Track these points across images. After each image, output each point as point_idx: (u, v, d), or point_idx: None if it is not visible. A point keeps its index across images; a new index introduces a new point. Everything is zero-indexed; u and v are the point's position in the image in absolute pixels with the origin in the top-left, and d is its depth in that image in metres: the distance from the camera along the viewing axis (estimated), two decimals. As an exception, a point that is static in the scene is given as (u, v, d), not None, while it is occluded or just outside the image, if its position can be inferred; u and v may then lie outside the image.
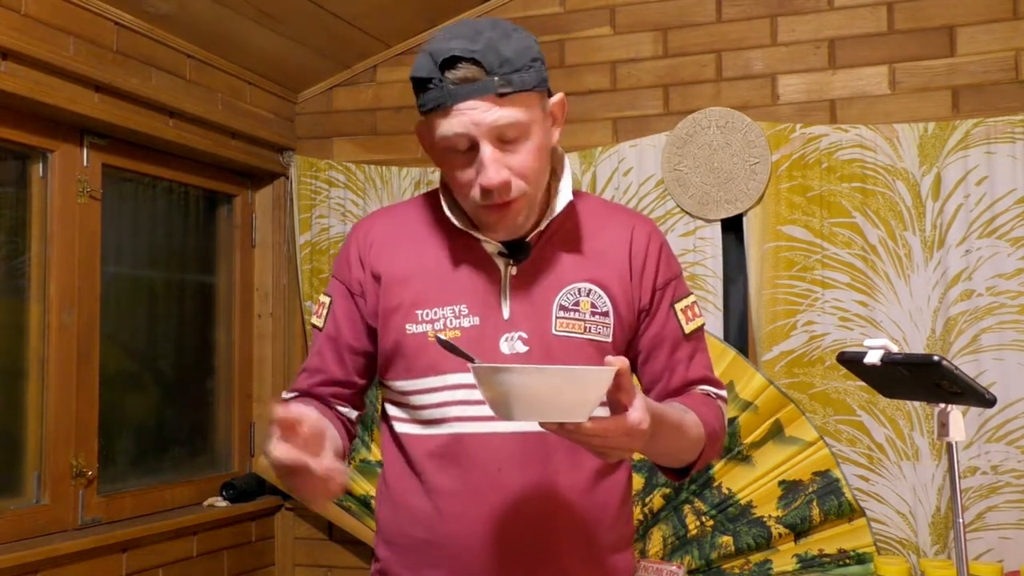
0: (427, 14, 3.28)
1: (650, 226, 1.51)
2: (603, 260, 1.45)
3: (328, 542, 3.42)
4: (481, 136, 1.30)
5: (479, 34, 1.31)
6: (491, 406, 1.15)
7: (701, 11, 3.11)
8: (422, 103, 1.35)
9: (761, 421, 2.80)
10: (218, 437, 3.42)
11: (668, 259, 1.50)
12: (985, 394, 1.67)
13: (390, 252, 1.47)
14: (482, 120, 1.30)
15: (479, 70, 1.29)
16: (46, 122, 2.65)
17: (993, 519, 2.72)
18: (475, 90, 1.29)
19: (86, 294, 2.77)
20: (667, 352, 1.48)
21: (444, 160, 1.38)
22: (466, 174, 1.35)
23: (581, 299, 1.43)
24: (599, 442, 1.15)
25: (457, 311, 1.41)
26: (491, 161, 1.31)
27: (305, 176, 3.44)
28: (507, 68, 1.30)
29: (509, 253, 1.42)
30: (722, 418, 1.49)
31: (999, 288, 2.74)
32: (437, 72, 1.30)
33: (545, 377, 1.10)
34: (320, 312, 1.54)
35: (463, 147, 1.33)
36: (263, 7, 2.91)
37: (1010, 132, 2.76)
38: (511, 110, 1.30)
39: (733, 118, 3.00)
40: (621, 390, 1.14)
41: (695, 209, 3.02)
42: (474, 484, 1.40)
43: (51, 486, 2.65)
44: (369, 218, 1.56)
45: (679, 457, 1.42)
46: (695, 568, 2.82)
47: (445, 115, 1.32)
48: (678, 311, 1.49)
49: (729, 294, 3.08)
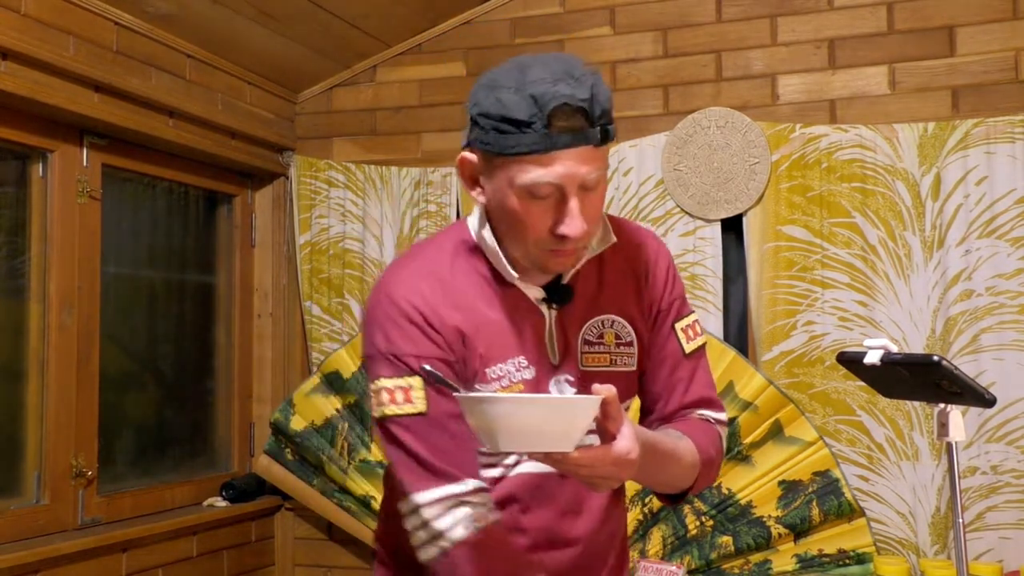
0: (427, 14, 3.29)
1: (657, 242, 1.50)
2: (623, 288, 1.45)
3: (328, 542, 3.42)
4: (571, 188, 1.25)
5: (578, 80, 1.23)
6: (477, 436, 1.13)
7: (701, 11, 3.11)
8: (511, 145, 1.24)
9: (761, 421, 2.80)
10: (218, 437, 3.42)
11: (674, 279, 1.49)
12: (985, 394, 1.67)
13: (452, 310, 1.36)
14: (577, 172, 1.24)
15: (584, 120, 1.23)
16: (46, 122, 2.65)
17: (993, 519, 2.72)
18: (577, 140, 1.23)
19: (86, 294, 2.77)
20: (667, 372, 1.47)
21: (516, 203, 1.27)
22: (541, 219, 1.27)
23: (605, 331, 1.42)
24: (587, 472, 1.14)
25: (517, 363, 1.38)
26: (578, 213, 1.26)
27: (305, 176, 3.44)
28: (606, 120, 1.26)
29: (551, 298, 1.40)
30: (719, 443, 1.48)
31: (999, 288, 2.74)
32: (541, 117, 1.22)
33: (530, 407, 1.09)
34: (406, 398, 1.31)
35: (547, 194, 1.26)
36: (263, 7, 2.91)
37: (1010, 132, 2.76)
38: (601, 162, 1.28)
39: (733, 118, 3.00)
40: (609, 419, 1.14)
41: (695, 209, 3.02)
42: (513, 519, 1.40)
43: (51, 486, 2.65)
44: (408, 279, 1.37)
45: (673, 484, 1.42)
46: (695, 568, 2.82)
47: (538, 162, 1.23)
48: (678, 331, 1.47)
49: (729, 294, 3.08)
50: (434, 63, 3.39)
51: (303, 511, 3.39)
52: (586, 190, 1.28)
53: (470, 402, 1.11)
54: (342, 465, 3.18)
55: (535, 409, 1.09)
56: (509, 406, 1.08)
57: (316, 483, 3.23)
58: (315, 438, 3.19)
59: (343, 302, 3.37)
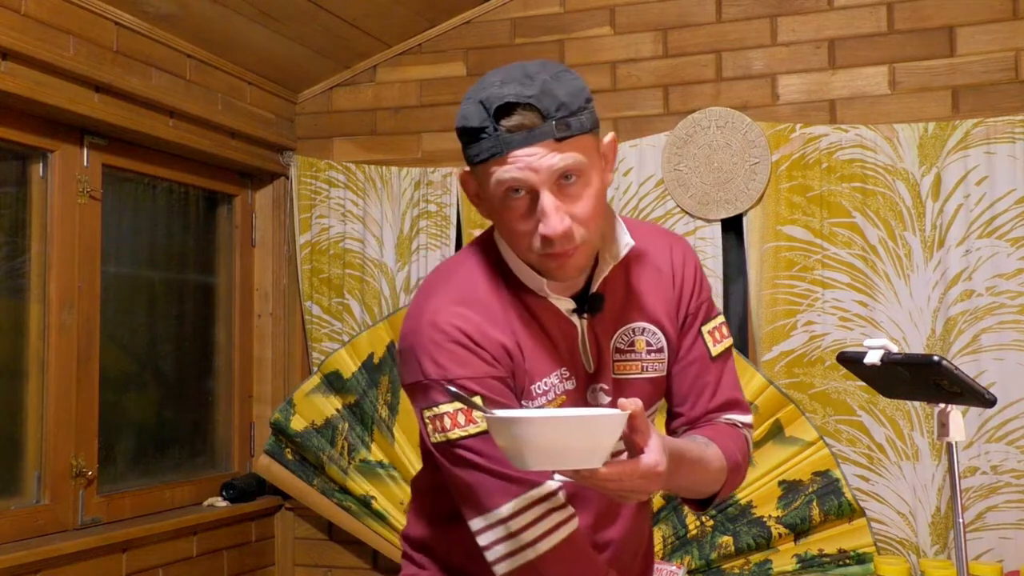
0: (427, 14, 3.29)
1: (685, 245, 1.50)
2: (653, 295, 1.44)
3: (328, 542, 3.42)
4: (540, 184, 1.24)
5: (530, 78, 1.24)
6: (507, 456, 1.12)
7: (701, 11, 3.11)
8: (475, 153, 1.26)
9: (761, 421, 2.80)
10: (218, 437, 3.42)
11: (702, 282, 1.49)
12: (985, 394, 1.67)
13: (494, 331, 1.34)
14: (540, 166, 1.23)
15: (536, 116, 1.23)
16: (46, 122, 2.65)
17: (993, 519, 2.72)
18: (533, 137, 1.23)
19: (86, 294, 2.77)
20: (693, 375, 1.46)
21: (501, 212, 1.29)
22: (526, 224, 1.27)
23: (636, 339, 1.42)
24: (615, 486, 1.14)
25: (561, 375, 1.38)
26: (552, 209, 1.24)
27: (305, 176, 3.44)
28: (564, 112, 1.24)
29: (581, 308, 1.39)
30: (746, 448, 1.48)
31: (999, 288, 2.74)
32: (490, 120, 1.23)
33: (557, 426, 1.08)
34: (465, 421, 1.29)
35: (519, 195, 1.26)
36: (263, 7, 2.91)
37: (1010, 132, 2.76)
38: (570, 154, 1.25)
39: (733, 118, 3.00)
40: (636, 432, 1.13)
41: (695, 209, 3.02)
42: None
43: (51, 486, 2.65)
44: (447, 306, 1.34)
45: (701, 490, 1.42)
46: (695, 568, 2.82)
47: (501, 163, 1.24)
48: (705, 333, 1.47)
49: (729, 294, 3.08)
50: (434, 63, 3.39)
51: (303, 511, 3.39)
52: (564, 188, 1.26)
53: (496, 423, 1.10)
54: (342, 465, 3.18)
55: (562, 427, 1.08)
56: (535, 426, 1.07)
57: (316, 483, 3.23)
58: (315, 438, 3.19)
59: (343, 302, 3.37)
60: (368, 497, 3.14)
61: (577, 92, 1.26)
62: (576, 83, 1.27)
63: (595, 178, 1.29)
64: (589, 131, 1.28)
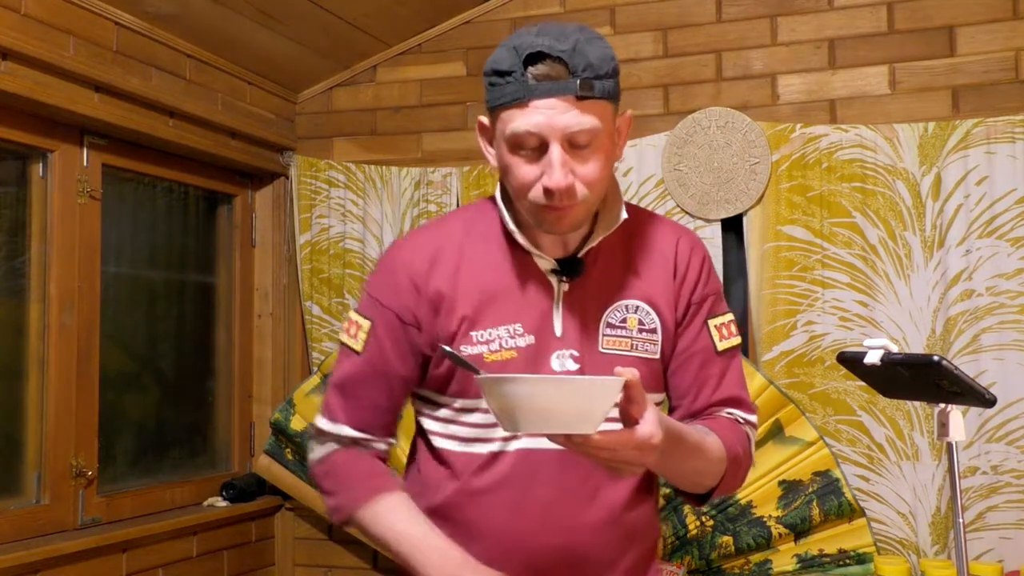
0: (427, 14, 3.29)
1: (694, 239, 1.50)
2: (651, 275, 1.44)
3: (328, 542, 3.42)
4: (553, 137, 1.27)
5: (566, 35, 1.28)
6: (497, 418, 1.12)
7: (701, 11, 3.11)
8: (497, 96, 1.30)
9: (761, 421, 2.80)
10: (218, 437, 3.42)
11: (709, 274, 1.48)
12: (985, 394, 1.66)
13: (444, 275, 1.42)
14: (558, 121, 1.27)
15: (563, 69, 1.26)
16: (46, 122, 2.65)
17: (993, 519, 2.72)
18: (556, 89, 1.26)
19: (86, 294, 2.77)
20: (696, 367, 1.45)
21: (510, 157, 1.33)
22: (530, 172, 1.31)
23: (629, 316, 1.42)
24: (608, 455, 1.13)
25: (512, 331, 1.39)
26: (559, 164, 1.28)
27: (305, 176, 3.44)
28: (590, 73, 1.27)
29: (562, 270, 1.41)
30: (747, 443, 1.47)
31: (999, 288, 2.74)
32: (520, 66, 1.27)
33: (551, 388, 1.07)
34: (355, 333, 1.46)
35: (532, 145, 1.29)
36: (263, 7, 2.91)
37: (1010, 132, 2.76)
38: (588, 116, 1.28)
39: (733, 118, 3.00)
40: (632, 403, 1.13)
41: (695, 209, 3.02)
42: (516, 498, 1.40)
43: (51, 486, 2.65)
44: (412, 241, 1.48)
45: (698, 480, 1.41)
46: (695, 568, 2.82)
47: (521, 110, 1.27)
48: (712, 327, 1.46)
49: (729, 294, 3.08)
50: (434, 63, 3.39)
51: (303, 511, 3.39)
52: (576, 147, 1.29)
53: (491, 383, 1.09)
54: (342, 465, 3.17)
55: (556, 389, 1.07)
56: (529, 386, 1.07)
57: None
58: (315, 438, 3.19)
59: (343, 302, 3.37)
60: (368, 497, 3.13)
61: (607, 58, 1.30)
62: (607, 51, 1.31)
63: (606, 145, 1.32)
64: (610, 99, 1.31)
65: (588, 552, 1.41)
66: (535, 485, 1.39)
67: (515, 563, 1.39)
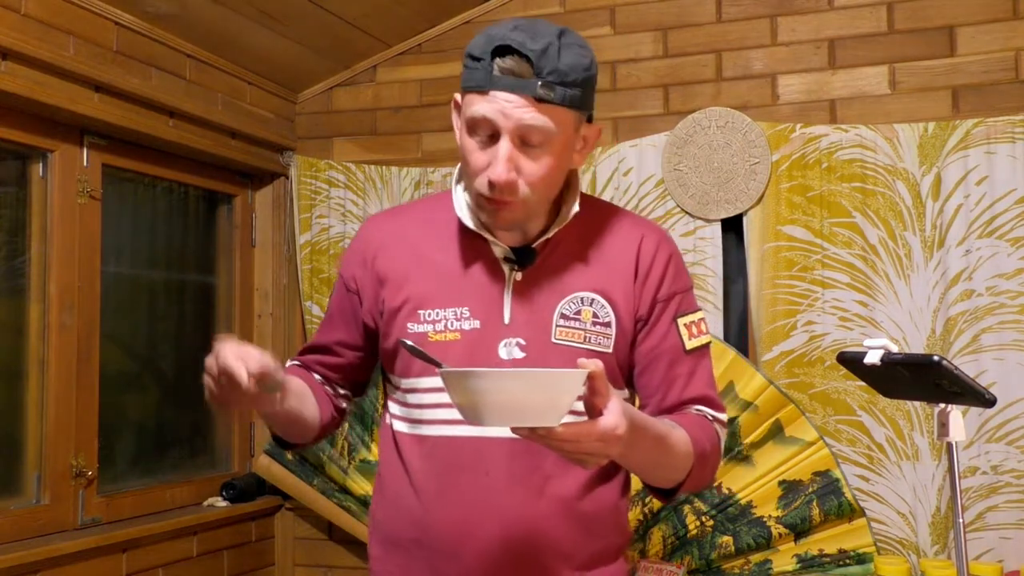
0: (427, 14, 3.29)
1: (660, 236, 1.48)
2: (609, 269, 1.43)
3: (328, 542, 3.42)
4: (505, 130, 1.30)
5: (541, 35, 1.31)
6: (461, 412, 1.13)
7: (701, 11, 3.11)
8: (466, 79, 1.34)
9: (761, 421, 2.80)
10: (218, 437, 3.42)
11: (676, 272, 1.47)
12: (985, 394, 1.67)
13: (396, 252, 1.48)
14: (511, 115, 1.29)
15: (528, 68, 1.29)
16: (46, 122, 2.65)
17: (993, 519, 2.72)
18: (515, 85, 1.29)
19: (86, 294, 2.77)
20: (665, 366, 1.44)
21: (465, 138, 1.36)
22: (480, 159, 1.34)
23: (583, 308, 1.41)
24: (572, 447, 1.13)
25: (459, 313, 1.40)
26: (505, 158, 1.30)
27: (305, 176, 3.44)
28: (555, 77, 1.29)
29: (515, 259, 1.42)
30: (715, 440, 1.44)
31: (999, 288, 2.74)
32: (488, 55, 1.30)
33: (515, 381, 1.08)
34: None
35: (486, 132, 1.32)
36: (263, 7, 2.91)
37: (1010, 132, 2.76)
38: (543, 117, 1.29)
39: (733, 118, 3.00)
40: (596, 394, 1.13)
41: (695, 209, 3.02)
42: (462, 487, 1.39)
43: (51, 486, 2.65)
44: (380, 216, 1.57)
45: (664, 475, 1.38)
46: (695, 568, 2.82)
47: (482, 96, 1.31)
48: (680, 325, 1.45)
49: (729, 294, 3.08)
50: (434, 63, 3.39)
51: (303, 511, 3.39)
52: (528, 144, 1.31)
53: (453, 377, 1.10)
54: (342, 465, 3.18)
55: (518, 383, 1.08)
56: (493, 380, 1.08)
57: (316, 483, 3.23)
58: (315, 438, 3.19)
59: (343, 302, 3.37)
60: (368, 497, 3.14)
61: (578, 67, 1.31)
62: (582, 60, 1.32)
63: (559, 150, 1.33)
64: (573, 106, 1.31)
65: (540, 543, 1.39)
66: (480, 474, 1.38)
67: (467, 555, 1.39)
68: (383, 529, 1.50)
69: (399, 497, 1.46)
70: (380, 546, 1.51)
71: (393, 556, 1.47)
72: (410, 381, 1.44)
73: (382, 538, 1.50)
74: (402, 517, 1.45)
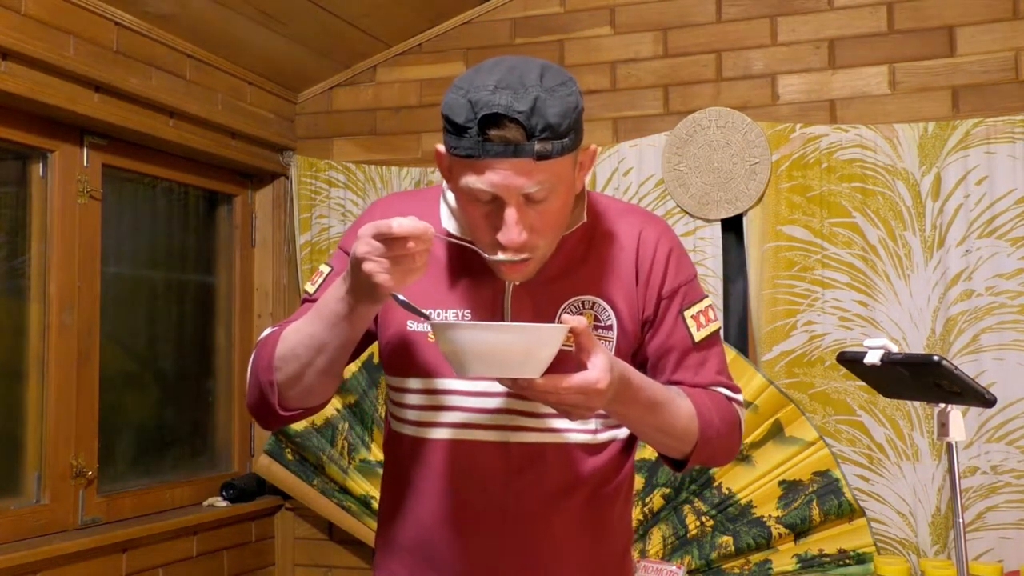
0: (427, 14, 3.29)
1: (659, 228, 1.46)
2: (609, 271, 1.42)
3: (328, 542, 3.42)
4: (509, 199, 1.25)
5: (525, 89, 1.22)
6: (448, 361, 1.20)
7: (701, 11, 3.11)
8: (453, 145, 1.26)
9: (761, 421, 2.80)
10: (218, 437, 3.42)
11: (678, 264, 1.45)
12: (985, 394, 1.67)
13: None
14: (512, 183, 1.24)
15: (520, 133, 1.22)
16: (46, 122, 2.65)
17: (993, 519, 2.72)
18: (510, 152, 1.22)
19: (86, 294, 2.77)
20: (674, 361, 1.43)
21: (465, 206, 1.31)
22: (486, 225, 1.30)
23: (585, 311, 1.40)
24: (554, 399, 1.18)
25: (460, 315, 1.39)
26: (513, 223, 1.26)
27: (305, 176, 3.44)
28: (549, 134, 1.23)
29: None
30: (731, 416, 1.43)
31: (999, 288, 2.74)
32: (475, 123, 1.22)
33: (498, 333, 1.15)
34: (316, 280, 1.47)
35: (486, 199, 1.27)
36: (263, 7, 2.91)
37: (1010, 132, 2.76)
38: (543, 175, 1.25)
39: (733, 118, 3.00)
40: (583, 351, 1.18)
41: (695, 209, 3.02)
42: (461, 491, 1.39)
43: (51, 486, 2.65)
44: (388, 201, 1.50)
45: (667, 442, 1.38)
46: (695, 568, 2.82)
47: (473, 168, 1.24)
48: (687, 318, 1.43)
49: (729, 294, 3.08)
50: (434, 63, 3.39)
51: (303, 511, 3.39)
52: (533, 202, 1.27)
53: (440, 328, 1.17)
54: (342, 465, 3.18)
55: (501, 335, 1.15)
56: (476, 331, 1.14)
57: (316, 483, 3.23)
58: (315, 438, 3.19)
59: (343, 302, 3.36)
60: (368, 497, 3.14)
61: (568, 111, 1.24)
62: (569, 100, 1.25)
63: (564, 192, 1.31)
64: (570, 151, 1.27)
65: (543, 547, 1.39)
66: (482, 478, 1.38)
67: (468, 558, 1.39)
68: (386, 530, 1.50)
69: (400, 499, 1.46)
70: (383, 547, 1.51)
71: (398, 557, 1.47)
72: (409, 381, 1.43)
73: (385, 539, 1.51)
74: (404, 519, 1.45)
